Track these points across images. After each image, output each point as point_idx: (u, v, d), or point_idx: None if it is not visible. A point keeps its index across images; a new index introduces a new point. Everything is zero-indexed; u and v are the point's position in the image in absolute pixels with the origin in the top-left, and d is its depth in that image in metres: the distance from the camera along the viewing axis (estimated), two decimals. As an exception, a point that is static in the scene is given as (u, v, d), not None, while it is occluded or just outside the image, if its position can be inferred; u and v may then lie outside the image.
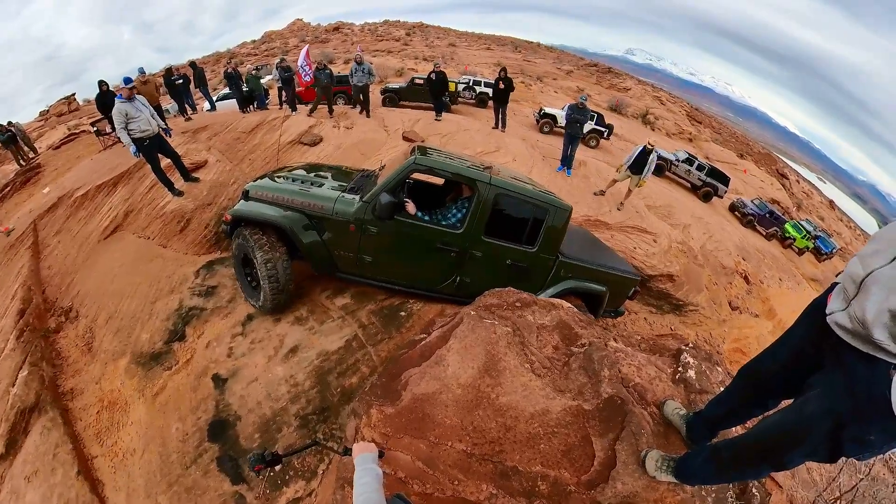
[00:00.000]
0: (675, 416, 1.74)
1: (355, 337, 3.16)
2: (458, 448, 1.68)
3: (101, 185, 4.96)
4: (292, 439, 2.55)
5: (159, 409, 2.87)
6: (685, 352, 2.09)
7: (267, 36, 46.25)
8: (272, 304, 3.21)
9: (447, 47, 39.71)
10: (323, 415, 2.66)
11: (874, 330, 0.90)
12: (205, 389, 2.91)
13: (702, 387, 1.94)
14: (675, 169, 14.06)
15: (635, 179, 6.57)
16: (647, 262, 6.33)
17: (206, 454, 2.57)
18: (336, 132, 7.48)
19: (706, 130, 32.45)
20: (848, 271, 1.03)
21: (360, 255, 3.06)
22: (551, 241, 3.16)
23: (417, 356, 2.06)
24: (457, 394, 1.79)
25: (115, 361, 3.25)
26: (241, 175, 5.55)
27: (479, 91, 15.45)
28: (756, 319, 8.15)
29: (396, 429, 1.79)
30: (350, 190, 3.15)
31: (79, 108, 17.32)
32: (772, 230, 14.39)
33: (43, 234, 4.45)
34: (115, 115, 4.17)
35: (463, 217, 3.05)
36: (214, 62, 34.54)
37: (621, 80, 35.92)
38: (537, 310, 2.28)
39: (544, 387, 1.81)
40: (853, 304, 0.97)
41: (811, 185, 44.02)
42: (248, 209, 3.09)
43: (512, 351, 1.94)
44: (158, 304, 3.67)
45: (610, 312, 4.02)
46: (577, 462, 1.63)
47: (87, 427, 2.84)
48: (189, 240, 4.49)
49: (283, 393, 2.80)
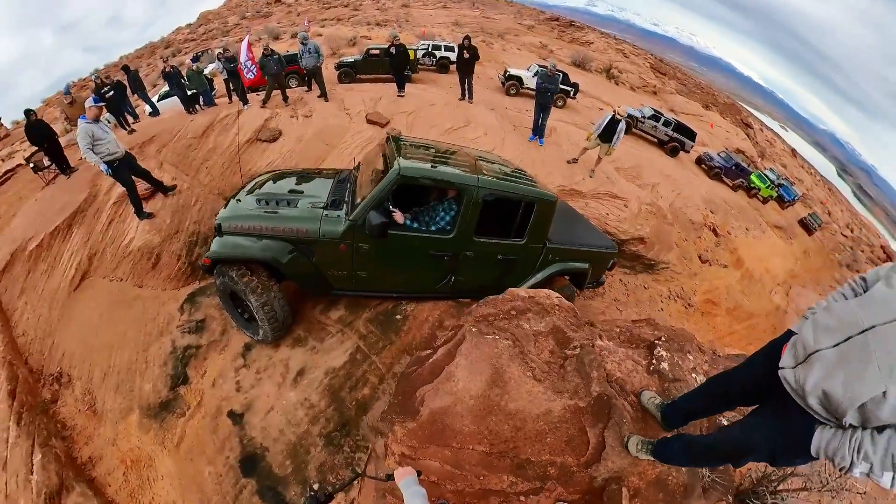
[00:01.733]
0: (651, 404, 2.04)
1: (357, 349, 3.20)
2: (479, 449, 1.92)
3: (54, 230, 4.54)
4: (322, 458, 2.66)
5: (185, 457, 2.89)
6: (658, 346, 2.36)
7: (203, 17, 41.07)
8: (273, 338, 3.20)
9: (400, 9, 36.45)
10: (345, 429, 2.76)
11: (809, 398, 1.11)
12: (225, 429, 2.94)
13: (675, 376, 2.22)
14: (642, 125, 13.93)
15: (605, 148, 6.56)
16: (620, 227, 6.54)
17: (246, 489, 2.66)
18: (295, 123, 6.97)
19: (671, 82, 32.08)
20: (802, 335, 1.20)
21: (354, 271, 3.00)
22: (539, 231, 3.20)
23: (428, 373, 2.18)
24: (470, 404, 1.98)
25: (125, 419, 3.20)
26: (202, 191, 5.19)
27: (440, 56, 14.49)
28: (725, 270, 8.69)
29: (421, 440, 1.97)
30: (332, 204, 2.99)
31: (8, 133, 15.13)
32: (738, 181, 14.73)
33: (6, 298, 4.11)
34: (80, 137, 3.81)
35: (452, 220, 3.02)
36: (150, 54, 30.72)
37: (583, 34, 34.44)
38: (532, 317, 2.41)
39: (546, 390, 2.05)
40: (798, 370, 1.16)
41: (774, 133, 45.16)
42: (226, 248, 2.91)
43: (514, 362, 2.12)
44: (151, 349, 3.57)
45: (592, 284, 4.25)
46: (577, 449, 1.95)
47: (119, 490, 2.86)
48: (164, 275, 4.27)
49: (301, 417, 2.86)
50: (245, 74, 6.06)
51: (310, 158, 6.38)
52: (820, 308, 1.25)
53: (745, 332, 8.04)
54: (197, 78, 7.75)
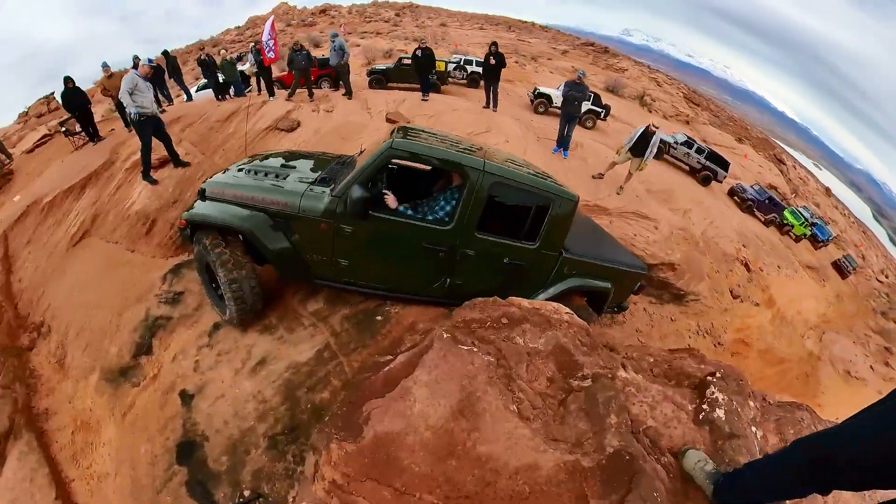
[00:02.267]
0: (699, 471, 1.46)
1: (327, 346, 2.95)
2: (428, 500, 1.45)
3: (68, 189, 4.72)
4: (261, 463, 2.39)
5: (129, 429, 2.74)
6: (712, 384, 1.73)
7: (252, 21, 44.31)
8: (239, 321, 2.99)
9: (438, 27, 37.86)
10: (293, 434, 2.49)
11: None
12: (172, 407, 2.75)
13: (732, 430, 1.60)
14: (674, 152, 13.61)
15: (636, 162, 6.17)
16: (648, 250, 6.04)
17: (176, 478, 2.43)
18: (315, 116, 7.08)
19: (704, 113, 31.37)
20: None
21: (334, 257, 2.70)
22: (555, 236, 2.76)
23: (380, 384, 1.79)
24: (425, 436, 1.54)
25: (86, 378, 3.11)
26: (209, 168, 5.25)
27: (471, 70, 14.65)
28: (757, 308, 7.94)
29: (359, 471, 1.56)
30: (320, 181, 2.73)
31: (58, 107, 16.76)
32: (770, 216, 14.09)
33: (14, 245, 4.26)
34: (125, 82, 4.30)
35: (452, 210, 2.61)
36: (198, 50, 33.22)
37: (618, 61, 34.44)
38: (529, 329, 1.91)
39: (534, 435, 1.53)
40: None
41: (808, 171, 43.19)
42: (203, 212, 2.74)
43: (494, 388, 1.64)
44: (126, 314, 3.49)
45: (613, 308, 3.72)
46: None
47: (63, 448, 2.75)
48: (155, 242, 4.27)
49: (250, 410, 2.62)
50: (266, 53, 6.15)
51: (323, 150, 6.42)
52: None
53: (776, 377, 7.23)
54: (229, 68, 8.11)
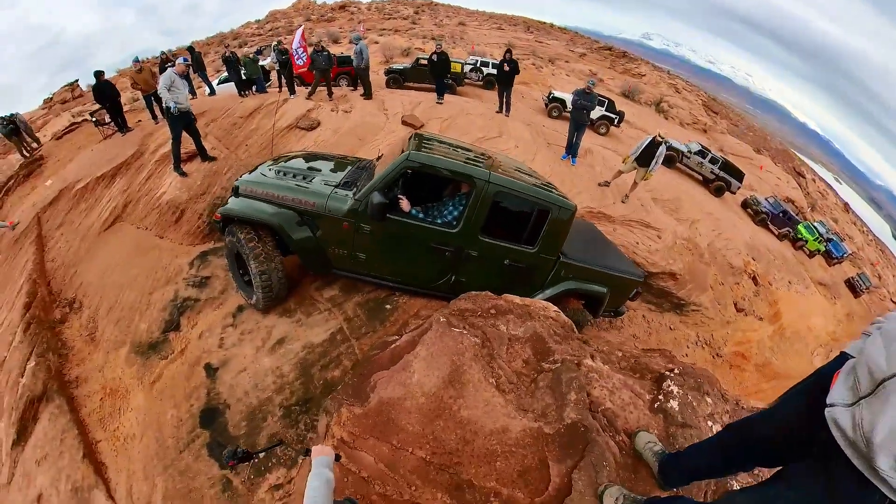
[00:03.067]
0: (648, 451, 1.64)
1: (340, 330, 3.21)
2: (418, 455, 1.69)
3: (100, 176, 5.05)
4: (276, 429, 2.65)
5: (156, 397, 3.01)
6: (669, 378, 1.97)
7: (272, 15, 45.22)
8: (264, 307, 3.28)
9: (456, 26, 38.15)
10: (305, 406, 2.75)
11: (879, 456, 0.70)
12: (197, 378, 3.03)
13: (685, 420, 1.81)
14: (687, 161, 13.47)
15: (641, 172, 6.27)
16: (649, 258, 6.15)
17: (198, 440, 2.70)
18: (334, 116, 7.36)
19: (723, 122, 30.93)
20: (867, 354, 0.80)
21: (353, 252, 3.01)
22: (553, 242, 3.03)
23: (387, 359, 2.06)
24: (420, 402, 1.79)
25: (117, 350, 3.40)
26: (235, 162, 5.55)
27: (487, 72, 14.84)
28: (760, 323, 7.93)
29: (363, 429, 1.82)
30: (343, 185, 3.05)
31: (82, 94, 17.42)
32: (784, 230, 13.89)
33: (46, 227, 4.59)
34: (163, 78, 4.61)
35: (459, 215, 2.93)
36: (218, 43, 34.08)
37: (636, 66, 34.12)
38: (512, 319, 2.20)
39: (507, 404, 1.78)
40: (862, 406, 0.76)
41: (827, 185, 42.43)
42: (238, 208, 3.03)
43: (478, 364, 1.91)
44: (155, 294, 3.79)
45: (609, 312, 3.92)
46: (532, 484, 1.61)
47: (92, 413, 3.02)
48: (184, 230, 4.57)
49: (269, 383, 2.88)
50: (296, 60, 6.48)
51: (342, 150, 6.66)
52: (892, 318, 0.85)
53: (772, 392, 7.24)
54: (252, 65, 8.46)
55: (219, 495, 2.42)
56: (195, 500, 2.43)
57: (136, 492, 2.53)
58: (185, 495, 2.45)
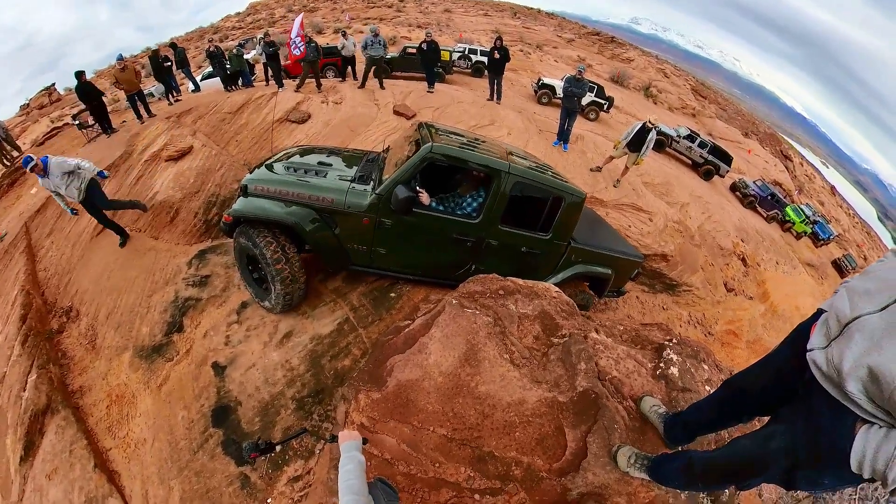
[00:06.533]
0: (653, 413, 1.76)
1: (347, 320, 3.18)
2: (440, 433, 1.73)
3: (88, 179, 4.88)
4: (290, 422, 2.63)
5: (165, 399, 2.96)
6: (669, 347, 2.08)
7: (252, 7, 43.86)
8: (282, 310, 3.17)
9: (442, 13, 37.42)
10: (318, 397, 2.73)
11: (848, 381, 0.85)
12: (206, 378, 2.99)
13: (684, 385, 1.93)
14: (676, 145, 13.56)
15: (633, 157, 6.33)
16: (641, 241, 6.24)
17: (212, 439, 2.67)
18: (325, 108, 7.21)
19: (711, 106, 31.08)
20: (834, 305, 0.97)
21: (373, 247, 2.96)
22: (565, 228, 3.12)
23: (402, 343, 2.07)
24: (438, 381, 1.82)
25: (119, 356, 3.33)
26: (227, 159, 5.42)
27: (475, 60, 14.65)
28: (750, 302, 8.12)
29: (383, 413, 1.84)
30: (359, 179, 2.97)
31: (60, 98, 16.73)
32: (772, 212, 14.16)
33: (35, 235, 4.45)
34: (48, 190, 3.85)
35: (479, 206, 2.98)
36: (198, 38, 33.09)
37: (624, 51, 33.99)
38: (520, 298, 2.26)
39: (522, 377, 1.84)
40: (832, 347, 0.92)
41: (814, 168, 43.34)
42: (250, 208, 2.84)
43: (492, 341, 1.96)
44: (155, 297, 3.71)
45: (612, 293, 4.03)
46: (550, 451, 1.69)
47: (99, 422, 2.96)
48: (179, 230, 4.46)
49: (279, 377, 2.86)
50: (292, 50, 6.21)
51: (334, 142, 6.55)
52: (855, 277, 0.99)
53: None
54: (237, 59, 8.22)
55: (237, 492, 2.41)
56: (214, 499, 2.41)
57: (153, 497, 2.51)
58: (203, 495, 2.43)
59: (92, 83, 6.33)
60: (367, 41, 7.89)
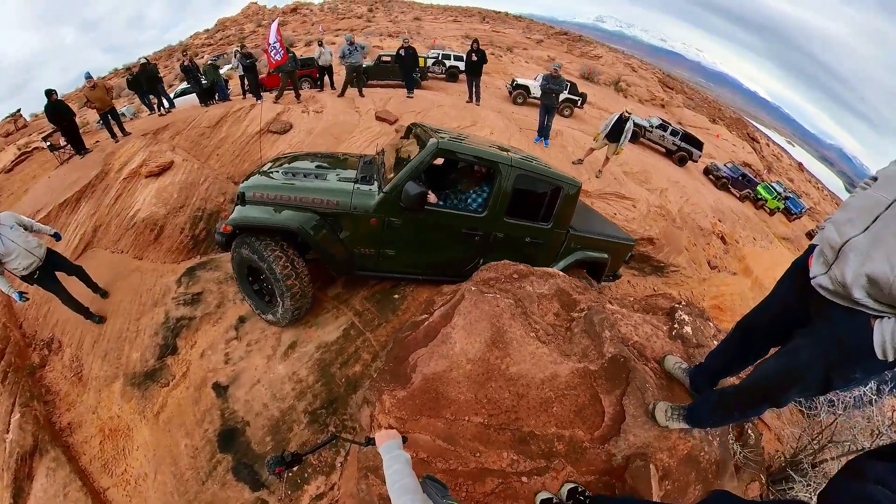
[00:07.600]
0: (678, 369, 1.85)
1: (352, 325, 3.07)
2: (476, 421, 1.68)
3: (63, 203, 4.61)
4: (304, 437, 2.50)
5: (164, 428, 2.76)
6: (679, 309, 2.19)
7: (221, 24, 43.16)
8: (290, 321, 3.01)
9: (412, 21, 37.90)
10: (332, 407, 2.61)
11: (853, 291, 1.03)
12: (207, 400, 2.81)
13: (699, 341, 2.03)
14: (650, 135, 14.12)
15: (612, 147, 6.53)
16: (628, 227, 6.40)
17: (221, 466, 2.50)
18: (306, 117, 7.11)
19: (678, 96, 32.55)
20: (825, 237, 1.15)
21: (381, 248, 2.87)
22: (564, 217, 3.23)
23: (422, 337, 2.00)
24: (467, 369, 1.77)
25: (109, 387, 3.09)
26: (211, 173, 5.22)
27: (450, 65, 14.83)
28: (734, 277, 8.47)
29: (411, 411, 1.76)
30: (362, 180, 2.88)
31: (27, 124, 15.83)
32: (745, 192, 14.75)
33: None
34: None
35: (485, 201, 3.03)
36: (167, 57, 32.19)
37: (592, 48, 35.22)
38: (535, 280, 2.28)
39: (551, 353, 1.84)
40: (833, 269, 1.09)
41: (781, 148, 46.10)
42: (251, 215, 2.69)
43: (516, 322, 1.94)
44: (143, 319, 3.49)
45: (609, 277, 4.13)
46: (589, 420, 1.69)
47: (93, 459, 2.73)
48: (165, 247, 4.24)
49: (287, 391, 2.72)
50: (272, 56, 6.05)
51: (320, 150, 6.46)
52: (836, 212, 1.18)
53: None
54: (212, 72, 8.04)
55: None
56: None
57: (160, 533, 2.32)
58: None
59: (63, 101, 6.02)
60: (344, 50, 7.89)
